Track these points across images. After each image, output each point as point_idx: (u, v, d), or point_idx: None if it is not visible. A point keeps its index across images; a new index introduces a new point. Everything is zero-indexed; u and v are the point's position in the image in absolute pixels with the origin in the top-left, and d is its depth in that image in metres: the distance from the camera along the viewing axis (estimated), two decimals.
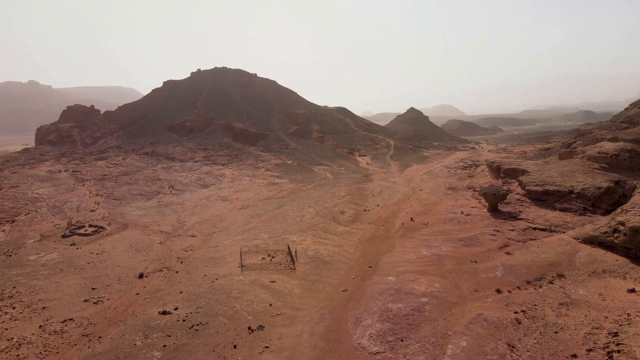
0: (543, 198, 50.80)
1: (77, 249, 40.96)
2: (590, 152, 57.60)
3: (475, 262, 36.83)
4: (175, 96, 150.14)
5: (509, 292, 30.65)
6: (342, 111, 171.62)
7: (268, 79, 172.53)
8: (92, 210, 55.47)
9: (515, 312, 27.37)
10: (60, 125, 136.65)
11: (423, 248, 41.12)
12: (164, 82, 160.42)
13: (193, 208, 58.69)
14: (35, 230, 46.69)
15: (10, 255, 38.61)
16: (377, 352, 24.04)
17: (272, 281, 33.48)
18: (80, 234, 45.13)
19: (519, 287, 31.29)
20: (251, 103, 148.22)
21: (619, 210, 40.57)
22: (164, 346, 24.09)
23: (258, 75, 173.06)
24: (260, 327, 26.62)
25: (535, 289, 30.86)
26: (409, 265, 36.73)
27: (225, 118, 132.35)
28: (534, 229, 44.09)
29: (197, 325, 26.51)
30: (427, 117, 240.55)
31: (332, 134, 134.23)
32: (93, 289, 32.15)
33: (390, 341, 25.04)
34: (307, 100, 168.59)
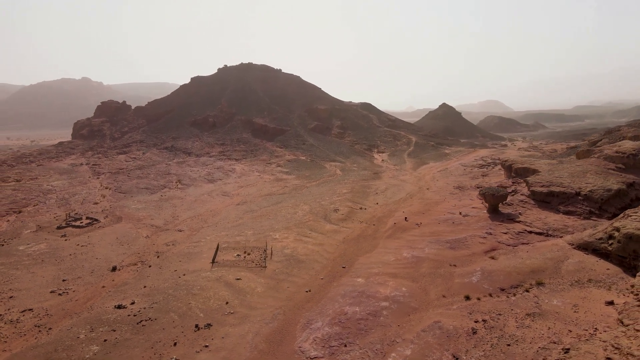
0: (547, 200, 47.54)
1: (65, 240, 42.45)
2: (608, 152, 53.33)
3: (455, 266, 34.97)
4: (201, 92, 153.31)
5: (478, 299, 28.82)
6: (367, 107, 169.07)
7: (292, 75, 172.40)
8: (96, 203, 57.45)
9: (476, 322, 25.65)
10: (93, 120, 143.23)
11: (405, 249, 39.51)
12: (192, 79, 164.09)
13: (192, 203, 59.51)
14: (36, 221, 48.81)
15: (2, 245, 40.53)
16: (315, 357, 23.21)
17: (238, 279, 33.21)
18: (74, 226, 46.76)
19: (490, 295, 29.37)
20: (273, 99, 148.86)
21: (621, 215, 37.16)
22: (105, 341, 24.31)
23: (283, 71, 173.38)
24: (208, 326, 26.39)
25: (507, 297, 28.83)
26: (384, 267, 35.39)
27: (247, 114, 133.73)
28: (530, 232, 41.31)
29: (146, 320, 26.62)
30: (460, 112, 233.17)
31: (353, 130, 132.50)
32: (64, 280, 33.13)
33: (333, 346, 24.12)
34: (331, 96, 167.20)
